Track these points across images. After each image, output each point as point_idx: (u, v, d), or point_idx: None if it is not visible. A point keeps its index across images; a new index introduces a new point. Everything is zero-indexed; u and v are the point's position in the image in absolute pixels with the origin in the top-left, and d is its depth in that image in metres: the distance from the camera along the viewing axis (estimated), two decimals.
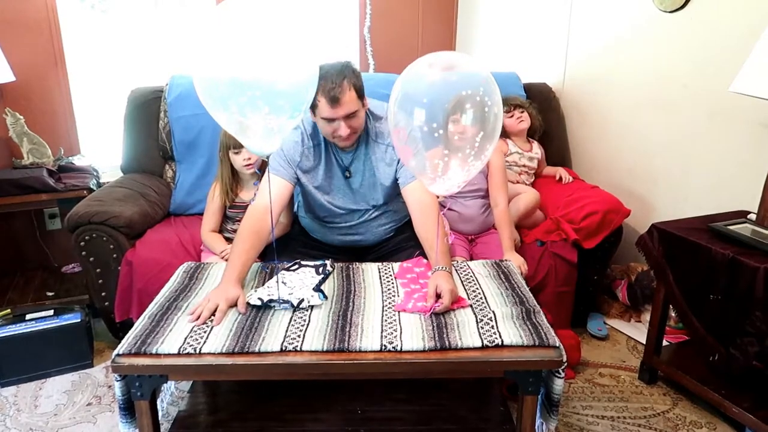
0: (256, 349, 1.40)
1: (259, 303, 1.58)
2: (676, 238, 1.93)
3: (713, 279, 1.81)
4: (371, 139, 1.93)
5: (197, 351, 1.40)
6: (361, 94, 1.79)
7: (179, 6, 3.14)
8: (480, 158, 1.42)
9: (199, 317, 1.51)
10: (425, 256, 1.84)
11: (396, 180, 1.94)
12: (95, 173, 2.75)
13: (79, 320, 2.23)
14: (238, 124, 1.39)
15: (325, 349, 1.40)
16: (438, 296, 1.56)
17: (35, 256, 2.94)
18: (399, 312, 1.57)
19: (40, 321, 2.20)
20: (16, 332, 2.14)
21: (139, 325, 1.51)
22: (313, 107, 1.77)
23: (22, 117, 2.64)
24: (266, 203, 1.75)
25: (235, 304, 1.58)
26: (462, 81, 1.39)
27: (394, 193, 1.98)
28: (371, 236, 2.04)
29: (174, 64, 3.04)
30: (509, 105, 2.61)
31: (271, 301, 1.58)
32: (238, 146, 2.13)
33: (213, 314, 1.53)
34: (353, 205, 1.99)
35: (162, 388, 1.76)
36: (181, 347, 1.41)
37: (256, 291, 1.64)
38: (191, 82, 2.96)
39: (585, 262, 2.31)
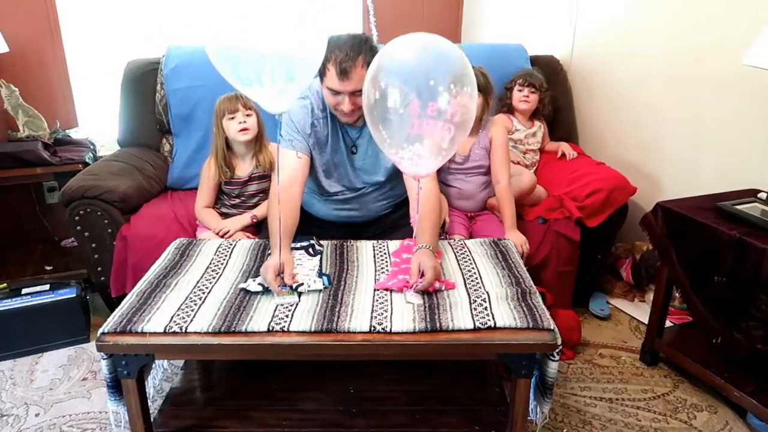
0: (243, 329, 1.37)
1: (259, 289, 1.53)
2: (682, 218, 1.87)
3: (719, 260, 1.75)
4: None
5: (183, 330, 1.38)
6: None
7: None
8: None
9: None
10: None
11: None
12: (92, 147, 2.72)
13: (74, 295, 2.22)
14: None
15: (312, 329, 1.37)
16: (421, 274, 1.52)
17: (35, 230, 2.93)
18: (390, 291, 1.53)
19: (35, 296, 2.20)
20: (12, 307, 2.14)
21: (127, 303, 1.49)
22: (321, 74, 1.72)
23: (16, 89, 2.60)
24: (287, 178, 1.75)
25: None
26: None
27: (395, 174, 1.93)
28: (366, 212, 2.00)
29: (171, 35, 2.97)
30: (525, 80, 2.53)
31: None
32: (232, 111, 2.08)
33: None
34: (352, 183, 1.95)
35: (154, 364, 1.75)
36: (167, 326, 1.38)
37: (254, 279, 1.58)
38: (188, 54, 2.90)
39: (588, 241, 2.25)
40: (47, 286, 2.26)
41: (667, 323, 2.14)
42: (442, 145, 1.38)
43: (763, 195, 1.90)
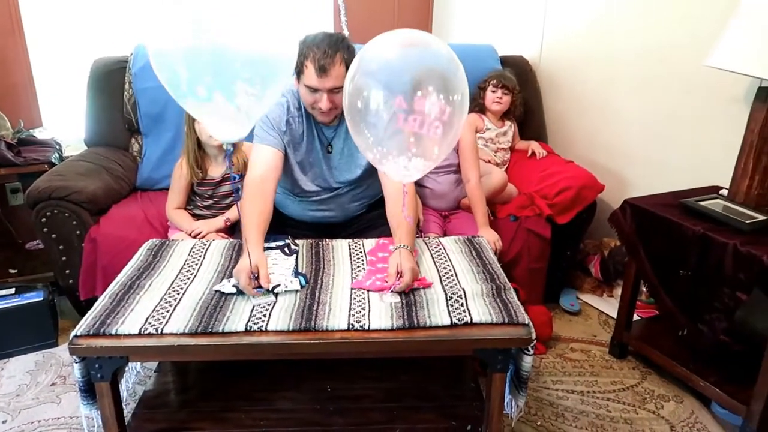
0: (220, 329, 1.36)
1: (233, 291, 1.52)
2: (648, 214, 1.92)
3: (684, 255, 1.81)
4: None
5: (159, 331, 1.36)
6: None
7: None
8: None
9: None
10: None
11: None
12: (58, 147, 2.65)
13: (41, 299, 2.17)
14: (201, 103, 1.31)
15: (291, 328, 1.37)
16: (399, 275, 1.53)
17: None
18: (367, 291, 1.54)
19: (1, 300, 2.13)
20: None
21: (99, 304, 1.46)
22: (299, 73, 1.72)
23: None
24: (260, 174, 1.75)
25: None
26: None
27: (371, 172, 1.93)
28: (341, 212, 2.00)
29: (139, 33, 2.91)
30: (499, 81, 2.56)
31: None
32: None
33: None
34: (327, 182, 1.95)
35: (127, 367, 1.72)
36: (142, 327, 1.36)
37: (228, 280, 1.57)
38: None
39: (558, 238, 2.30)
40: (13, 290, 2.19)
41: (635, 317, 2.20)
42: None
43: (724, 192, 1.97)
